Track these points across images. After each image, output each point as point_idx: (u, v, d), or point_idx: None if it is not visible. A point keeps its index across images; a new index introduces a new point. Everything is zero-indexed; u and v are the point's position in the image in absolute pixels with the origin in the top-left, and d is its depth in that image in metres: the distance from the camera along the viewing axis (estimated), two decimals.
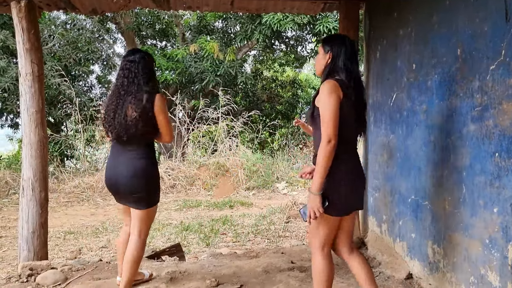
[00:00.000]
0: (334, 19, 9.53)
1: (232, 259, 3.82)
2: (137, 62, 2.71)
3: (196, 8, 4.25)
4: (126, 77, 2.69)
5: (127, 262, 2.78)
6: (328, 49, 2.40)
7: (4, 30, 9.57)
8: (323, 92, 2.27)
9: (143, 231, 2.81)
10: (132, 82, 2.67)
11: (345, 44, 2.39)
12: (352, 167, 2.38)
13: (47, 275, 3.27)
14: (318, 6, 4.18)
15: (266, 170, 9.25)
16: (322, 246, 2.44)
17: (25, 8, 3.43)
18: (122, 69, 2.73)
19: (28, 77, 3.47)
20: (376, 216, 3.90)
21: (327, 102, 2.23)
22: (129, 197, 2.76)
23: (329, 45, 2.41)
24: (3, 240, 5.41)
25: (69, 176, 9.02)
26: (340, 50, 2.37)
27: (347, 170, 2.32)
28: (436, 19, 2.81)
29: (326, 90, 2.26)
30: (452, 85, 2.61)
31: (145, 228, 2.82)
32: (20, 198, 3.55)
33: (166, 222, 6.25)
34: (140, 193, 2.72)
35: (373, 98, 3.98)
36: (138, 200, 2.74)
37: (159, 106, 2.67)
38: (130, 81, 2.68)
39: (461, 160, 2.52)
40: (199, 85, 11.01)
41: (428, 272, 2.93)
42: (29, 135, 3.50)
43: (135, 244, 2.79)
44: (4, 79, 9.35)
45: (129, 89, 2.67)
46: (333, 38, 2.48)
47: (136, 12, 11.60)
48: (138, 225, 2.80)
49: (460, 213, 2.53)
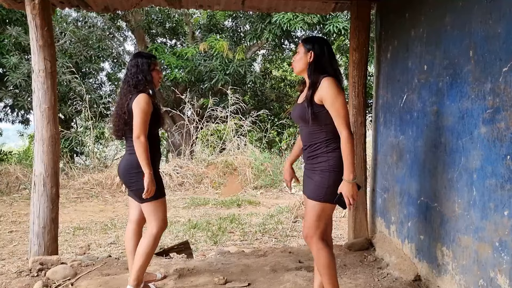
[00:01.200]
0: (344, 19, 9.51)
1: (240, 257, 3.83)
2: (131, 66, 2.88)
3: (208, 6, 4.26)
4: (124, 79, 2.92)
5: (136, 254, 2.85)
6: (309, 48, 2.52)
7: (17, 27, 9.66)
8: (332, 88, 2.37)
9: (151, 224, 2.84)
10: (127, 84, 2.86)
11: (325, 43, 2.54)
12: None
13: (57, 270, 3.31)
14: (329, 6, 4.17)
15: (274, 169, 9.25)
16: (323, 237, 2.49)
17: (39, 5, 3.46)
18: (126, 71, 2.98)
19: (41, 73, 3.51)
20: (385, 217, 3.90)
21: (340, 96, 2.38)
22: (129, 190, 2.94)
23: (310, 44, 2.53)
24: (13, 234, 5.48)
25: (79, 173, 9.09)
26: (322, 49, 2.51)
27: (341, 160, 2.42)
28: (448, 20, 2.80)
29: (334, 86, 2.39)
30: (464, 87, 2.60)
31: (153, 222, 2.83)
32: (31, 194, 3.59)
33: (174, 219, 6.28)
34: (134, 187, 2.81)
35: (383, 99, 3.96)
36: (136, 193, 2.82)
37: (136, 103, 2.75)
38: (125, 83, 2.87)
39: (472, 162, 2.51)
40: (208, 84, 11.04)
41: (437, 274, 2.92)
42: (41, 131, 3.54)
43: (144, 237, 2.87)
44: (15, 75, 9.45)
45: (123, 91, 2.88)
46: (313, 38, 2.61)
47: (147, 10, 11.66)
48: (147, 219, 2.87)
49: (470, 216, 2.52)
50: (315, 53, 2.48)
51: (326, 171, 2.43)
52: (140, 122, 2.73)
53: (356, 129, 3.95)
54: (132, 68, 2.87)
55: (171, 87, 11.74)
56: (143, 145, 2.70)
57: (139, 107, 2.74)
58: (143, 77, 2.84)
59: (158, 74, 2.96)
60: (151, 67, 2.89)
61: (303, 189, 2.65)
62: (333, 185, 2.42)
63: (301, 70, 2.56)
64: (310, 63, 2.50)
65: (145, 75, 2.85)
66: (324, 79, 2.40)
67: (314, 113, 2.42)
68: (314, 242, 2.47)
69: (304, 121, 2.49)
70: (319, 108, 2.41)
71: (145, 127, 2.74)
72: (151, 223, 2.84)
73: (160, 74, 2.99)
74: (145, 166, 2.70)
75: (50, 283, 3.20)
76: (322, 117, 2.43)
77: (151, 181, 2.71)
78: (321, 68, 2.48)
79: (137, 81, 2.83)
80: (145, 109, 2.74)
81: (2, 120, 13.13)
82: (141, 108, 2.74)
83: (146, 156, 2.70)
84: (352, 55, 3.99)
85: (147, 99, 2.77)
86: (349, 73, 4.07)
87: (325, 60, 2.49)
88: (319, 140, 2.47)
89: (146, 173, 2.70)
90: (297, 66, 2.57)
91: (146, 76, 2.85)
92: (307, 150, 2.54)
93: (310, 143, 2.51)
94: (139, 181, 2.75)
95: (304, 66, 2.53)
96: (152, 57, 2.95)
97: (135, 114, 2.74)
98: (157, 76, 2.95)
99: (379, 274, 3.40)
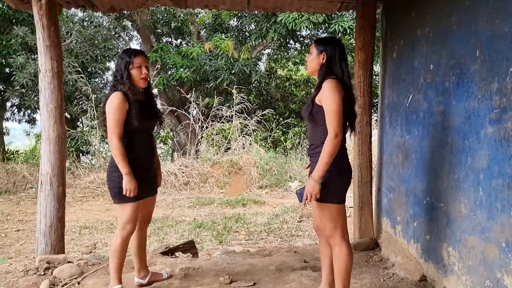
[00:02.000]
0: (350, 18, 9.48)
1: (245, 257, 3.83)
2: (116, 64, 2.85)
3: (213, 6, 4.27)
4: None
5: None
6: (322, 50, 2.57)
7: (23, 27, 9.72)
8: (328, 89, 2.42)
9: (117, 225, 2.86)
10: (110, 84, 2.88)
11: (337, 45, 2.58)
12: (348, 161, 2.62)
13: (64, 269, 3.33)
14: (335, 6, 4.16)
15: (279, 168, 9.25)
16: (346, 237, 2.59)
17: (46, 5, 3.47)
18: None
19: (48, 73, 3.52)
20: (390, 217, 3.89)
21: (334, 98, 2.41)
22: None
23: (323, 46, 2.58)
24: (20, 233, 5.52)
25: (85, 172, 9.14)
26: (334, 51, 2.55)
27: (347, 162, 2.58)
28: (455, 19, 2.78)
29: (331, 88, 2.43)
30: (470, 87, 2.59)
31: (119, 224, 2.83)
32: (38, 193, 3.61)
33: (179, 219, 6.30)
34: (108, 185, 2.84)
35: (389, 99, 3.95)
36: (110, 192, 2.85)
37: (107, 103, 2.71)
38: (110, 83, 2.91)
39: (479, 162, 2.49)
40: (214, 83, 11.05)
41: (443, 275, 2.91)
42: (48, 131, 3.55)
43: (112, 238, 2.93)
44: (22, 75, 9.51)
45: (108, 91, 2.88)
46: (326, 40, 2.65)
47: (152, 10, 11.68)
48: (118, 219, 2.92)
49: (477, 216, 2.51)
50: (327, 55, 2.54)
51: (327, 172, 2.44)
52: (111, 123, 2.69)
53: (362, 129, 3.94)
54: (115, 67, 2.85)
55: (176, 86, 11.77)
56: (115, 147, 2.67)
57: (109, 107, 2.70)
58: (120, 77, 2.76)
59: (139, 71, 2.79)
60: (130, 65, 2.76)
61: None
62: (335, 185, 2.49)
63: (313, 70, 2.63)
64: (322, 64, 2.56)
65: (121, 74, 2.76)
66: (327, 80, 2.46)
67: (313, 113, 2.51)
68: (336, 242, 2.57)
69: (308, 120, 2.59)
70: (318, 108, 2.48)
71: (116, 128, 2.68)
72: (118, 225, 2.85)
73: (142, 70, 2.81)
74: (121, 166, 2.68)
75: (57, 282, 3.22)
76: (320, 117, 2.49)
77: (127, 181, 2.68)
78: (330, 69, 2.53)
79: (116, 81, 2.78)
80: (115, 109, 2.67)
81: (9, 119, 13.24)
82: (111, 108, 2.69)
83: (120, 157, 2.66)
84: (358, 54, 3.98)
85: (118, 98, 2.69)
86: (354, 72, 4.06)
87: (336, 62, 2.54)
88: (319, 141, 2.52)
89: (123, 174, 2.68)
90: (310, 66, 2.64)
91: (123, 74, 2.75)
92: (309, 148, 2.64)
93: (312, 142, 2.62)
94: (111, 180, 2.77)
95: (317, 67, 2.59)
96: (134, 53, 2.81)
97: (107, 115, 2.71)
98: (137, 74, 2.79)
99: (384, 274, 3.39)
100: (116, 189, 2.75)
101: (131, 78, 2.77)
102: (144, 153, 2.86)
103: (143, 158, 2.85)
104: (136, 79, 2.80)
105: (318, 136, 2.53)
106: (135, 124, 2.73)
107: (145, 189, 2.83)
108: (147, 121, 2.89)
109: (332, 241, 2.59)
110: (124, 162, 2.68)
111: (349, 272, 2.59)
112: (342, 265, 2.56)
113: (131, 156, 2.73)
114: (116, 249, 2.82)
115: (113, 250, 2.84)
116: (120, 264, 2.87)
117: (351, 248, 2.64)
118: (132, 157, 2.73)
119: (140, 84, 2.83)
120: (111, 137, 2.68)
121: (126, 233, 2.81)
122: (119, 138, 2.68)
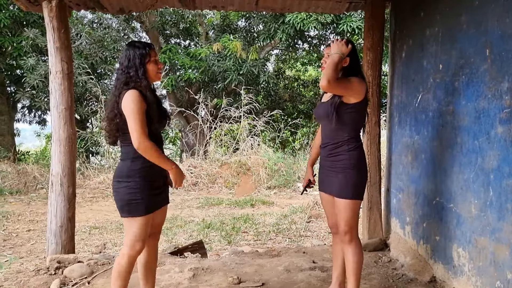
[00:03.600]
0: (358, 18, 9.45)
1: (254, 257, 3.84)
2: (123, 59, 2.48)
3: (221, 7, 4.28)
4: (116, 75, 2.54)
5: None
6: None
7: (34, 29, 9.82)
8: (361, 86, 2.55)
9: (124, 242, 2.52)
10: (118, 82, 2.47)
11: (354, 47, 2.61)
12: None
13: (74, 269, 3.36)
14: (343, 6, 4.15)
15: (288, 169, 9.25)
16: (357, 232, 2.67)
17: (56, 7, 3.51)
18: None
19: (58, 75, 3.56)
20: (399, 218, 3.87)
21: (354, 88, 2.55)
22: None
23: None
24: (31, 233, 5.57)
25: (94, 172, 9.21)
26: (354, 54, 2.61)
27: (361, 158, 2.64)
28: (464, 19, 2.77)
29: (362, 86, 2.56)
30: (480, 86, 2.57)
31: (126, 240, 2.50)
32: (49, 193, 3.65)
33: (188, 219, 6.32)
34: (115, 196, 2.49)
35: (398, 99, 3.94)
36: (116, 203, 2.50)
37: (125, 103, 2.36)
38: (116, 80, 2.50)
39: (489, 162, 2.48)
40: (222, 84, 11.08)
41: (453, 276, 2.89)
42: (58, 132, 3.59)
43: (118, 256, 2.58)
44: (33, 77, 9.61)
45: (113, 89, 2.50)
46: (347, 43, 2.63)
47: (161, 11, 11.75)
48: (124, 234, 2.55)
49: (487, 217, 2.49)
50: (349, 58, 2.58)
51: (348, 169, 2.56)
52: (136, 125, 2.33)
53: (371, 129, 3.93)
54: (124, 62, 2.45)
55: (185, 87, 11.81)
56: (149, 147, 2.34)
57: (128, 108, 2.34)
58: (135, 73, 2.42)
59: (155, 66, 2.50)
60: (146, 59, 2.45)
61: (321, 186, 2.76)
62: (357, 182, 2.59)
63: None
64: (344, 67, 2.59)
65: (137, 70, 2.42)
66: (354, 78, 2.56)
67: (340, 112, 2.54)
68: (353, 238, 2.62)
69: (329, 120, 2.59)
70: (347, 107, 2.54)
71: (144, 128, 2.35)
72: (125, 242, 2.49)
73: (159, 65, 2.52)
74: (165, 164, 2.42)
75: (67, 281, 3.25)
76: (347, 117, 2.55)
77: (176, 173, 2.45)
78: (351, 71, 2.59)
79: (128, 77, 2.42)
80: (135, 108, 2.34)
81: (19, 120, 13.39)
82: (132, 109, 2.33)
83: (158, 155, 2.38)
84: (366, 54, 3.97)
85: (136, 96, 2.35)
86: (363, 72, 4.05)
87: (356, 63, 2.63)
88: (342, 139, 2.58)
89: (170, 169, 2.43)
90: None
91: (138, 70, 2.42)
92: (329, 147, 2.65)
93: (333, 141, 2.63)
94: (119, 191, 2.43)
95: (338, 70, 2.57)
96: (148, 46, 2.50)
97: (128, 117, 2.35)
98: (154, 69, 2.49)
99: (394, 275, 3.38)
100: (123, 201, 2.42)
101: (147, 74, 2.46)
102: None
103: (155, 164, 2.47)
104: (153, 75, 2.49)
105: (343, 134, 2.58)
106: (151, 126, 2.41)
107: (156, 200, 2.53)
108: (159, 122, 2.56)
109: (348, 237, 2.61)
110: (165, 158, 2.43)
111: (360, 269, 2.65)
112: (359, 261, 2.62)
113: (142, 162, 2.41)
114: (122, 270, 2.49)
115: (119, 271, 2.49)
116: (124, 286, 2.53)
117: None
118: (143, 163, 2.41)
119: (156, 80, 2.54)
120: (138, 140, 2.32)
121: (134, 253, 2.48)
122: (148, 137, 2.35)
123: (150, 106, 2.41)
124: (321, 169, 2.75)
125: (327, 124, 2.64)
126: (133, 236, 2.45)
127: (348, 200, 2.58)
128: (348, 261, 2.64)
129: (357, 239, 2.66)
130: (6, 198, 7.65)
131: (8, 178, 8.60)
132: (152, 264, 2.72)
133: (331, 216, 2.78)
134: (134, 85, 2.40)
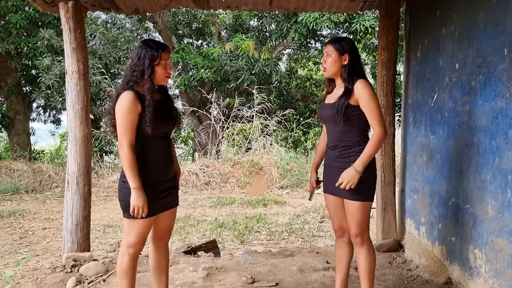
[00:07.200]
0: (372, 17, 9.39)
1: (267, 257, 3.84)
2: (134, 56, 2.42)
3: (235, 7, 4.29)
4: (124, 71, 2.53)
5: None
6: (344, 51, 2.55)
7: (49, 29, 9.95)
8: (368, 88, 2.49)
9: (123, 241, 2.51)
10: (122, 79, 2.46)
11: (355, 46, 2.60)
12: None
13: (90, 267, 3.40)
14: (358, 5, 4.13)
15: (300, 169, 9.23)
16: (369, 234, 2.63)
17: (72, 8, 3.55)
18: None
19: (74, 75, 3.60)
20: (414, 219, 3.83)
21: (375, 97, 2.50)
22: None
23: (344, 47, 2.56)
24: (47, 231, 5.64)
25: (108, 171, 9.29)
26: (354, 52, 2.58)
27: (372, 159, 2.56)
28: (482, 17, 2.73)
29: (369, 86, 2.50)
30: (498, 86, 2.54)
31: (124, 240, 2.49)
32: (65, 192, 3.70)
33: (201, 218, 6.35)
34: (118, 196, 2.47)
35: (413, 98, 3.90)
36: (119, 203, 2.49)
37: (117, 104, 2.34)
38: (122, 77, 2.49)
39: (506, 163, 2.44)
40: (234, 84, 11.10)
41: (469, 277, 2.86)
42: (74, 131, 3.63)
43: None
44: (48, 77, 9.73)
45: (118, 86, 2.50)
46: (343, 40, 2.62)
47: (174, 11, 11.80)
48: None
49: (505, 218, 2.46)
50: (349, 56, 2.55)
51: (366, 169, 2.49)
52: (120, 128, 2.31)
53: None
54: (134, 59, 2.40)
55: (197, 87, 11.86)
56: (124, 155, 2.29)
57: (118, 110, 2.32)
58: (140, 73, 2.36)
59: (164, 69, 2.42)
60: (156, 61, 2.37)
61: (327, 188, 2.70)
62: (369, 183, 2.56)
63: (335, 73, 2.59)
64: (345, 65, 2.55)
65: (143, 70, 2.36)
66: (359, 81, 2.50)
67: (348, 114, 2.50)
68: (365, 240, 2.59)
69: (335, 122, 2.54)
70: (354, 109, 2.50)
71: (127, 134, 2.30)
72: (124, 242, 2.49)
73: (168, 69, 2.45)
74: (130, 179, 2.30)
75: (83, 279, 3.29)
76: (355, 118, 2.51)
77: (135, 197, 2.30)
78: (353, 70, 2.55)
79: (131, 76, 2.37)
80: (125, 112, 2.29)
81: (34, 120, 13.57)
82: (120, 111, 2.31)
83: (129, 168, 2.28)
84: (381, 54, 3.94)
85: (129, 98, 2.30)
86: (377, 72, 4.03)
87: (357, 62, 2.58)
88: (352, 140, 2.54)
89: (131, 188, 2.30)
90: (332, 69, 2.59)
91: (145, 71, 2.36)
92: (339, 149, 2.59)
93: (343, 143, 2.57)
94: (122, 191, 2.40)
95: (339, 68, 2.57)
96: (161, 47, 2.41)
97: (116, 119, 2.34)
98: (162, 72, 2.42)
99: (408, 276, 3.35)
100: (125, 202, 2.38)
101: (153, 76, 2.39)
102: (159, 161, 2.45)
103: (158, 167, 2.44)
104: (160, 78, 2.43)
105: (352, 136, 2.54)
106: (148, 129, 2.33)
107: (160, 204, 2.47)
108: (163, 124, 2.46)
109: (360, 240, 2.58)
110: (134, 175, 2.29)
111: (374, 271, 2.63)
112: (371, 264, 2.59)
113: (144, 165, 2.36)
114: (124, 268, 2.46)
115: (121, 270, 2.46)
116: (131, 284, 2.49)
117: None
118: (144, 166, 2.36)
119: (162, 83, 2.48)
120: (121, 143, 2.31)
121: (134, 251, 2.47)
122: (130, 146, 2.31)
123: (146, 109, 2.34)
124: (327, 171, 2.68)
125: (334, 126, 2.59)
126: (132, 236, 2.45)
127: (360, 202, 2.54)
128: (360, 264, 2.61)
129: (369, 241, 2.62)
130: (22, 196, 7.76)
131: (24, 177, 8.73)
132: (163, 266, 2.68)
133: (337, 219, 2.71)
134: (132, 86, 2.36)
